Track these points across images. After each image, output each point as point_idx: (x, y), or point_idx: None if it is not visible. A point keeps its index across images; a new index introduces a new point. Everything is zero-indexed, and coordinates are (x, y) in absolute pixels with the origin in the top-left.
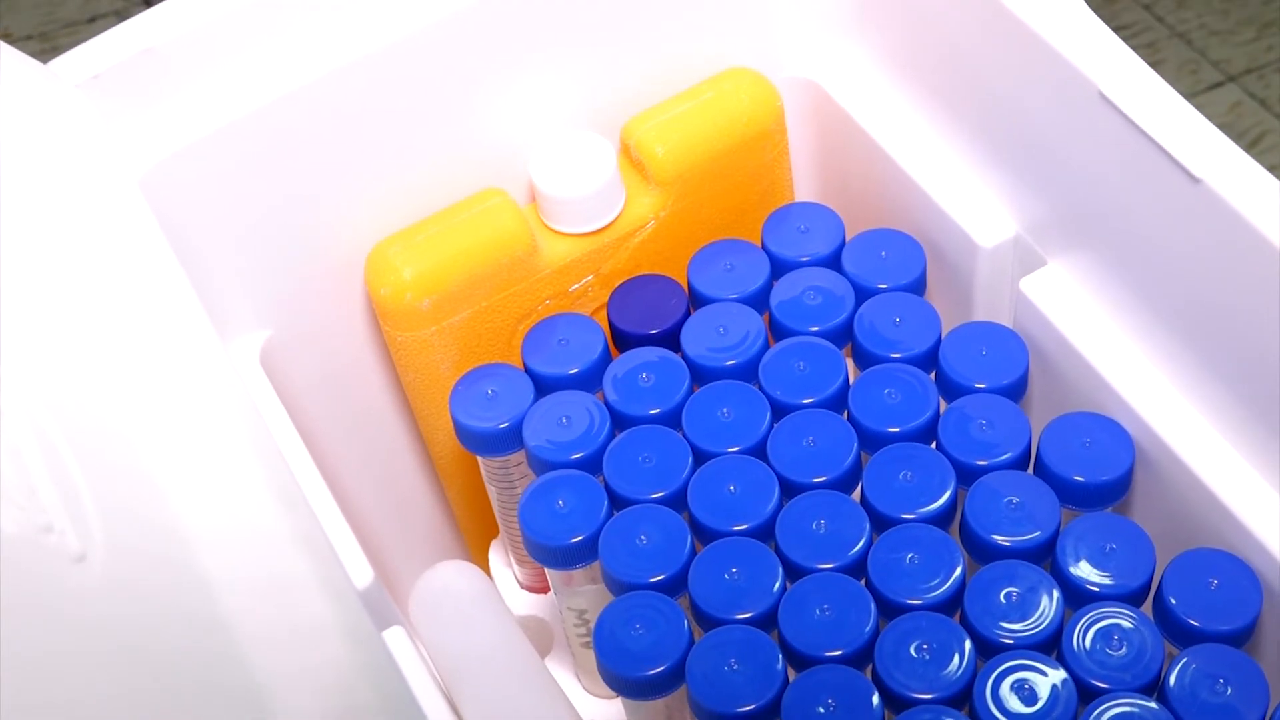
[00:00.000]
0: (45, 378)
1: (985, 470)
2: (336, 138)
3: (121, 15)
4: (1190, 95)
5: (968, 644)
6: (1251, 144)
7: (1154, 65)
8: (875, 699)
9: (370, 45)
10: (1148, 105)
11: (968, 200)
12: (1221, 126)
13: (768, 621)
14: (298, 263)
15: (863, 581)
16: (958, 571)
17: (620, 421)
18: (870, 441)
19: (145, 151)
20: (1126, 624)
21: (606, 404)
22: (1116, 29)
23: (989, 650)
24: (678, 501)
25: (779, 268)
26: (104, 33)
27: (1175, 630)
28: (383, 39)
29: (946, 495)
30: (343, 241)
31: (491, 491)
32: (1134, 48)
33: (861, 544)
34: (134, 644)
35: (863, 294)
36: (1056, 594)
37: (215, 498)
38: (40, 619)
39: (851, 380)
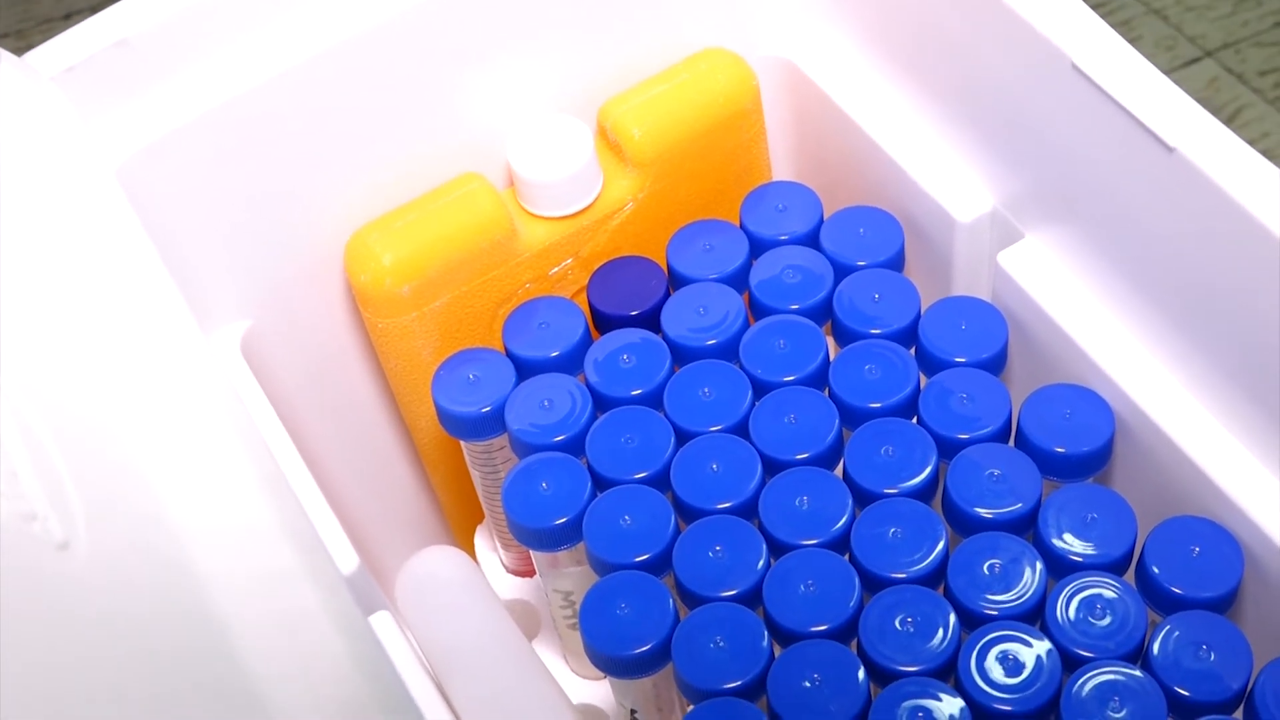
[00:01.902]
0: (26, 368)
1: (966, 443)
2: (313, 126)
3: (97, 11)
4: (1167, 71)
5: (952, 616)
6: (1230, 119)
7: (1130, 42)
8: (861, 673)
9: (345, 32)
10: (1121, 76)
11: (944, 176)
12: (1199, 102)
13: (752, 598)
14: (277, 252)
15: (846, 556)
16: (940, 545)
17: (602, 403)
18: (851, 417)
19: (122, 143)
20: (1109, 593)
21: (588, 386)
22: (1093, 8)
23: (973, 622)
24: (661, 481)
25: (758, 247)
26: (77, 25)
27: (1158, 598)
28: (357, 26)
29: (928, 469)
30: (322, 229)
31: (475, 476)
32: (1110, 25)
33: (844, 519)
34: (119, 631)
35: (842, 271)
36: (1039, 565)
37: (198, 486)
38: (24, 606)
39: (832, 357)
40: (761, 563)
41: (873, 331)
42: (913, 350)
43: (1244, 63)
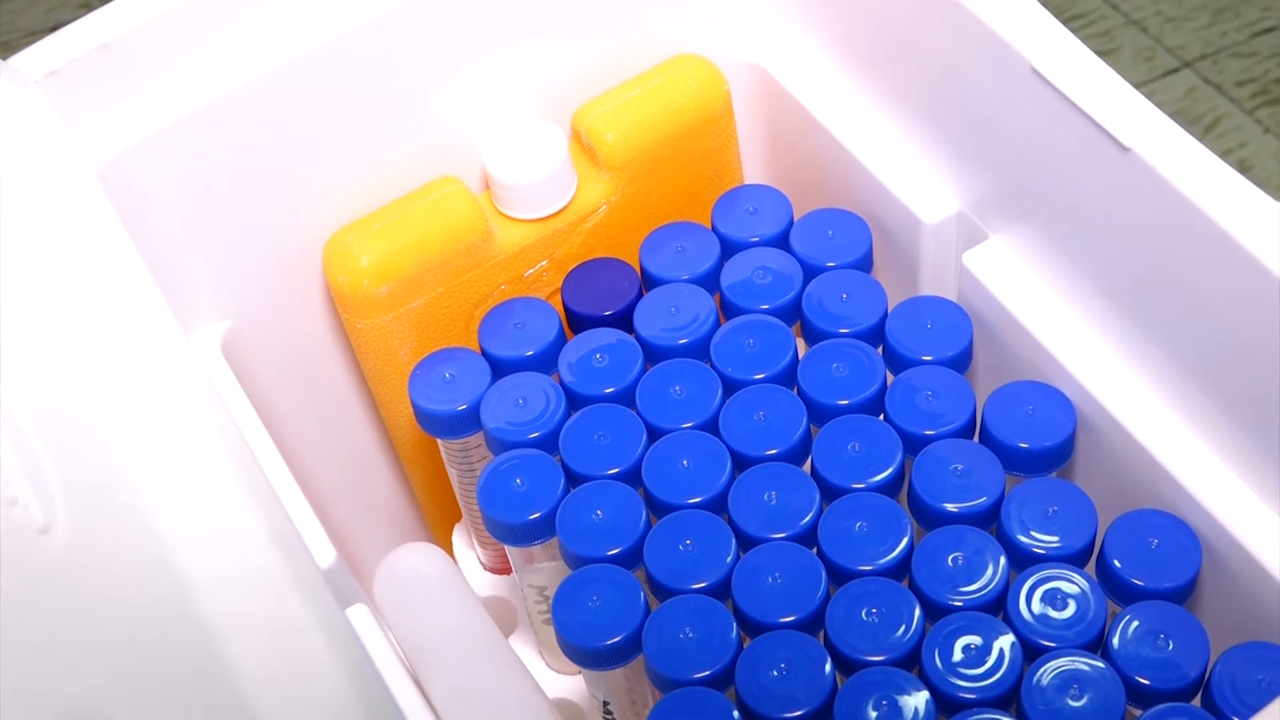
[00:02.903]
0: (10, 363)
1: (931, 439)
2: (293, 128)
3: None
4: (1146, 82)
5: (916, 608)
6: (1207, 129)
7: (1110, 53)
8: (827, 663)
9: (324, 37)
10: (1077, 78)
11: (911, 178)
12: (1177, 112)
13: (722, 591)
14: (257, 253)
15: (814, 550)
16: (905, 538)
17: (576, 401)
18: (819, 414)
19: (103, 145)
20: (1070, 584)
21: (562, 384)
22: (1072, 18)
23: (937, 613)
24: (633, 477)
25: (729, 248)
26: (60, 29)
27: (1118, 589)
28: (336, 30)
29: (894, 465)
30: (301, 231)
31: (452, 474)
32: (1090, 36)
33: (812, 514)
34: (97, 611)
35: (811, 272)
36: (1002, 558)
37: (178, 480)
38: (5, 586)
39: (801, 356)
40: (730, 556)
41: (841, 331)
42: (880, 349)
43: (1222, 73)
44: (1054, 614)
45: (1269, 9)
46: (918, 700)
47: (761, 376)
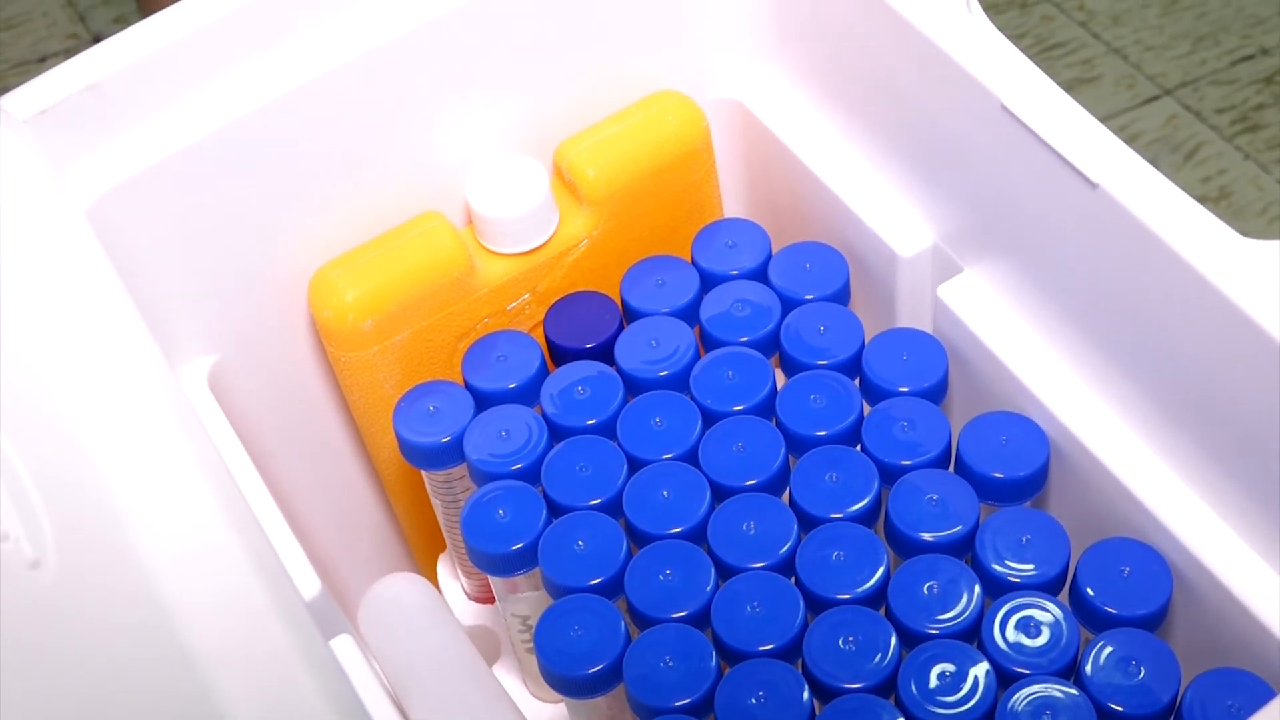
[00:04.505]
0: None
1: (908, 469)
2: (278, 166)
3: (71, 54)
4: (1127, 109)
5: (893, 636)
6: (1188, 155)
7: (1091, 81)
8: (805, 691)
9: (307, 75)
10: (1046, 115)
11: (887, 212)
12: (1158, 139)
13: (701, 620)
14: (243, 288)
15: (792, 579)
16: (882, 567)
17: (558, 433)
18: (797, 445)
19: (91, 184)
20: (1044, 612)
21: (544, 416)
22: (1053, 47)
23: (913, 641)
24: (614, 508)
25: (708, 282)
26: (50, 69)
27: (1091, 617)
28: (319, 70)
29: (871, 494)
30: (286, 266)
31: (436, 505)
32: (1071, 64)
33: (790, 543)
34: (85, 643)
35: (789, 305)
36: (977, 586)
37: (164, 513)
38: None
39: (779, 388)
40: (710, 585)
41: (819, 363)
42: (857, 380)
43: (1202, 100)
44: (1028, 641)
45: (1248, 37)
46: None
47: (740, 408)
